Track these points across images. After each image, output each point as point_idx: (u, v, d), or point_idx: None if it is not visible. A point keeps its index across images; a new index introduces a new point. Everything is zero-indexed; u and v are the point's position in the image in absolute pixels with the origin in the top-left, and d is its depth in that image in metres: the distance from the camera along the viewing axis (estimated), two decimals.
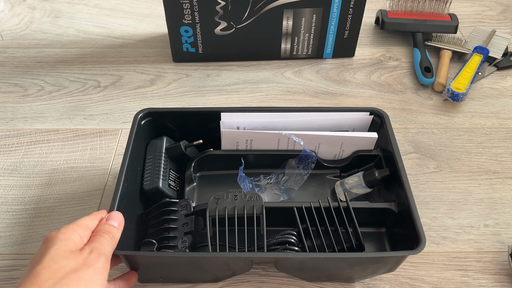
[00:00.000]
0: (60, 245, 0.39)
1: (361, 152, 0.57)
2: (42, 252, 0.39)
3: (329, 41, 0.78)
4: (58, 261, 0.38)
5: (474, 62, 0.76)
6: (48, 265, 0.37)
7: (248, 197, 0.48)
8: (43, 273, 0.36)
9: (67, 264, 0.38)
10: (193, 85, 0.76)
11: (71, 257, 0.38)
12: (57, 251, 0.38)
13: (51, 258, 0.38)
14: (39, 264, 0.37)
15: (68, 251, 0.39)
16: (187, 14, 0.72)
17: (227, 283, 0.51)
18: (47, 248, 0.39)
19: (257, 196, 0.48)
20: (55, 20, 0.90)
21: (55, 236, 0.40)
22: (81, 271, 0.37)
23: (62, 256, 0.38)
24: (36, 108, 0.72)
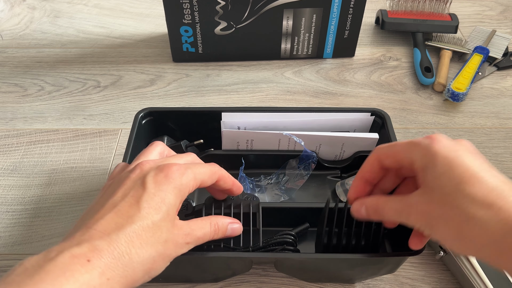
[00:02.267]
0: (173, 206, 0.36)
1: (362, 153, 0.57)
2: (160, 201, 0.35)
3: (329, 41, 0.78)
4: (163, 231, 0.35)
5: (474, 62, 0.76)
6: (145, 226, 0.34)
7: (245, 197, 0.47)
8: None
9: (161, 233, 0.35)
10: (193, 85, 0.76)
11: (172, 229, 0.36)
12: (167, 216, 0.36)
13: (162, 221, 0.35)
14: (152, 222, 0.34)
15: (174, 218, 0.36)
16: (187, 14, 0.72)
17: (227, 283, 0.51)
18: (164, 199, 0.36)
19: (254, 196, 0.47)
20: (55, 20, 0.90)
21: (174, 184, 0.37)
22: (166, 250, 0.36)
23: (167, 226, 0.36)
24: (36, 108, 0.71)
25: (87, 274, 0.30)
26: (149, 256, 0.34)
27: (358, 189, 0.42)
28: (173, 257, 0.37)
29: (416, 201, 0.36)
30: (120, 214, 0.34)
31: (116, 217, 0.34)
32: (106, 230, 0.33)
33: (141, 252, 0.33)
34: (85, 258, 0.31)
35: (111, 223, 0.34)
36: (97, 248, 0.32)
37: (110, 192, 0.37)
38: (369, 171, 0.41)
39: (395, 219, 0.38)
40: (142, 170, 0.38)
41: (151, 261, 0.34)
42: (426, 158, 0.35)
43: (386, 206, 0.38)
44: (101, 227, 0.33)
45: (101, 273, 0.31)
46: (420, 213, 0.35)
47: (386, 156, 0.39)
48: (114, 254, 0.32)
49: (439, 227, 0.34)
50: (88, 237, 0.33)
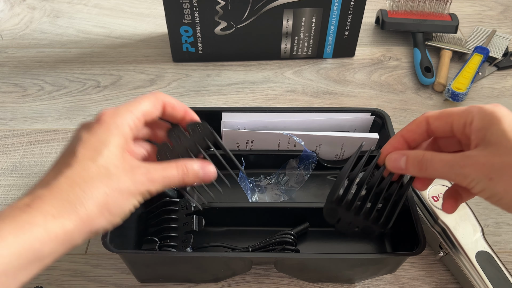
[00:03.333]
0: (114, 143, 0.35)
1: (362, 153, 0.57)
2: (97, 143, 0.35)
3: (329, 41, 0.78)
4: (109, 167, 0.34)
5: (474, 62, 0.76)
6: (98, 165, 0.34)
7: (190, 130, 0.41)
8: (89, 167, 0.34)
9: (115, 174, 0.34)
10: (193, 85, 0.76)
11: (122, 165, 0.35)
12: (110, 153, 0.35)
13: (105, 159, 0.34)
14: (92, 162, 0.34)
15: (121, 156, 0.35)
16: (187, 14, 0.72)
17: (227, 283, 0.51)
18: (101, 140, 0.35)
19: (199, 124, 0.42)
20: (54, 20, 0.90)
21: (108, 124, 0.36)
22: (118, 192, 0.34)
23: (113, 162, 0.35)
24: (36, 108, 0.71)
25: (26, 214, 0.31)
26: (98, 191, 0.33)
27: (394, 145, 0.41)
28: (138, 193, 0.35)
29: (477, 153, 0.35)
30: (57, 165, 0.34)
31: (55, 169, 0.34)
32: (45, 180, 0.33)
33: (86, 188, 0.33)
34: (24, 205, 0.31)
35: (50, 174, 0.34)
36: (38, 196, 0.32)
37: None
38: (413, 130, 0.40)
39: (442, 171, 0.36)
40: (78, 127, 0.37)
41: (103, 196, 0.33)
42: (490, 118, 0.35)
43: (436, 158, 0.37)
44: (40, 181, 0.34)
45: (42, 212, 0.31)
46: (480, 164, 0.34)
47: (436, 117, 0.38)
48: (55, 195, 0.32)
49: (503, 178, 0.34)
50: (29, 192, 0.33)
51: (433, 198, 0.53)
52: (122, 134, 0.36)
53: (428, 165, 0.37)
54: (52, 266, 0.52)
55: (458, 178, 0.36)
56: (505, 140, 0.34)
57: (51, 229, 0.31)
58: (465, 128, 0.37)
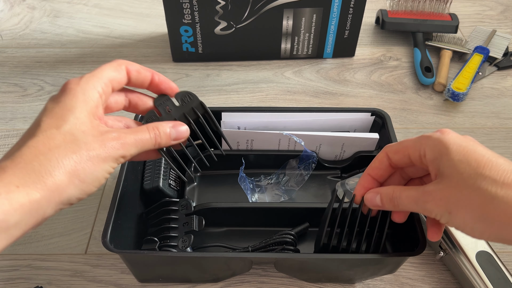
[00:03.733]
0: (80, 109, 0.34)
1: (362, 153, 0.57)
2: (62, 110, 0.34)
3: (329, 41, 0.78)
4: (76, 133, 0.33)
5: (474, 62, 0.76)
6: (64, 132, 0.33)
7: (180, 100, 0.41)
8: (56, 136, 0.33)
9: (84, 139, 0.33)
10: (193, 85, 0.76)
11: (90, 131, 0.34)
12: (77, 120, 0.34)
13: (71, 125, 0.33)
14: (57, 129, 0.33)
15: (89, 121, 0.34)
16: (187, 14, 0.72)
17: (227, 283, 0.51)
18: (66, 107, 0.34)
19: (188, 94, 0.41)
20: (54, 20, 0.90)
21: (74, 90, 0.35)
22: (91, 156, 0.33)
23: (80, 128, 0.34)
24: (36, 108, 0.71)
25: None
26: (65, 158, 0.32)
27: (365, 186, 0.43)
28: (109, 159, 0.34)
29: (434, 188, 0.36)
30: (22, 138, 0.34)
31: (20, 142, 0.33)
32: (9, 153, 0.33)
33: (52, 156, 0.32)
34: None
35: (14, 148, 0.33)
36: (0, 168, 0.31)
37: None
38: (377, 167, 0.42)
39: (410, 207, 0.38)
40: (49, 98, 0.37)
41: (71, 163, 0.32)
42: (439, 148, 0.36)
43: (403, 194, 0.38)
44: (5, 156, 0.33)
45: (5, 183, 0.30)
46: (438, 199, 0.35)
47: (395, 152, 0.40)
48: (18, 166, 0.31)
49: (459, 211, 0.34)
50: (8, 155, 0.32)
51: None
52: (90, 99, 0.35)
53: (398, 201, 0.39)
54: (52, 266, 0.52)
55: (425, 212, 0.37)
56: (455, 173, 0.35)
57: (15, 199, 0.30)
58: (421, 160, 0.38)
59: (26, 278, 0.51)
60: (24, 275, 0.52)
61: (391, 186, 0.41)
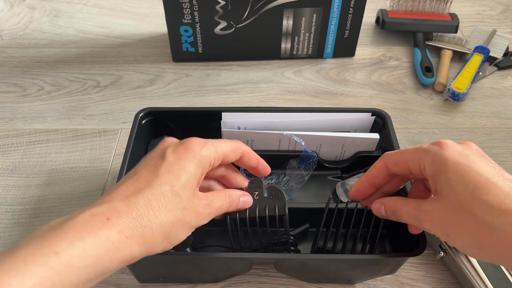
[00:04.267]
0: (193, 174, 0.37)
1: (363, 153, 0.57)
2: (179, 168, 0.37)
3: (329, 41, 0.78)
4: (182, 196, 0.36)
5: (474, 62, 0.76)
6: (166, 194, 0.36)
7: (269, 193, 0.45)
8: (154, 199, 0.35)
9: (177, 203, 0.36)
10: (193, 85, 0.76)
11: (191, 197, 0.37)
12: (187, 184, 0.37)
13: (181, 187, 0.36)
14: (171, 187, 0.36)
15: (194, 188, 0.37)
16: (187, 14, 0.72)
17: (227, 283, 0.51)
18: (183, 167, 0.37)
19: (280, 192, 0.45)
20: (54, 20, 0.90)
21: (195, 153, 0.38)
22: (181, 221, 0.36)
23: (187, 193, 0.36)
24: (36, 108, 0.71)
25: (107, 230, 0.32)
26: (167, 220, 0.35)
27: (361, 190, 0.43)
28: (194, 226, 0.38)
29: (430, 208, 0.36)
30: (139, 180, 0.36)
31: (136, 182, 0.36)
32: (126, 194, 0.35)
33: (159, 215, 0.35)
34: (104, 217, 0.33)
35: (131, 188, 0.35)
36: (116, 209, 0.33)
37: (135, 166, 0.39)
38: (375, 176, 0.42)
39: (410, 222, 0.39)
40: (164, 144, 0.40)
41: (170, 226, 0.35)
42: (437, 165, 0.35)
43: (402, 210, 0.39)
44: (121, 191, 0.35)
45: (120, 231, 0.33)
46: (435, 220, 0.35)
47: (394, 163, 0.40)
48: (132, 214, 0.34)
49: (457, 235, 0.34)
50: (108, 199, 0.34)
51: None
52: (202, 166, 0.38)
53: (398, 215, 0.39)
54: None
55: (424, 229, 0.38)
56: (452, 194, 0.34)
57: (123, 251, 0.33)
58: (422, 173, 0.38)
59: None
60: None
61: (393, 198, 0.41)
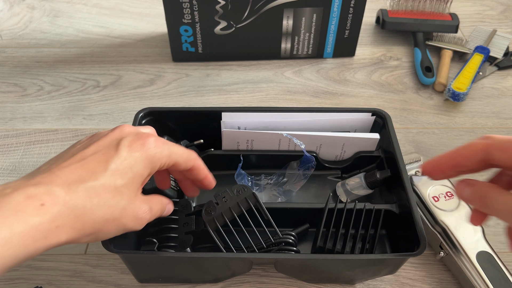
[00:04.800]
0: (140, 175, 0.36)
1: (363, 153, 0.57)
2: (128, 165, 0.35)
3: (329, 41, 0.78)
4: (124, 194, 0.35)
5: (475, 62, 0.76)
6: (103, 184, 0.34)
7: (235, 191, 0.47)
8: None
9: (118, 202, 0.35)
10: (192, 85, 0.76)
11: (133, 199, 0.36)
12: (131, 183, 0.35)
13: (125, 186, 0.35)
14: (114, 183, 0.34)
15: (138, 190, 0.37)
16: (187, 14, 0.72)
17: (227, 283, 0.51)
18: (132, 164, 0.36)
19: (243, 187, 0.47)
20: (54, 19, 0.89)
21: (149, 152, 0.37)
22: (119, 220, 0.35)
23: (129, 193, 0.35)
24: (35, 108, 0.71)
25: (38, 217, 0.30)
26: (102, 216, 0.34)
27: (440, 167, 0.36)
28: (128, 230, 0.37)
29: None
30: (86, 167, 0.34)
31: (81, 169, 0.34)
32: (68, 179, 0.33)
33: (95, 210, 0.33)
34: (39, 201, 0.31)
35: (75, 174, 0.33)
36: (53, 194, 0.32)
37: (84, 144, 0.37)
38: (466, 156, 0.34)
39: (503, 216, 0.32)
40: (121, 132, 0.38)
41: (102, 222, 0.34)
42: None
43: (499, 198, 0.32)
44: (63, 175, 0.33)
45: (51, 219, 0.31)
46: None
47: (501, 149, 0.32)
48: (69, 204, 0.32)
49: None
50: (48, 181, 0.32)
51: (434, 198, 0.53)
52: (151, 168, 0.37)
53: (489, 204, 0.32)
54: (51, 266, 0.52)
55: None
56: None
57: (50, 241, 0.31)
58: None
59: (26, 278, 0.51)
60: (24, 275, 0.51)
61: (487, 183, 0.34)
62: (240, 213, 0.47)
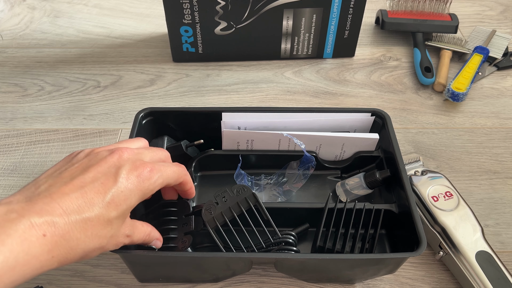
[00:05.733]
0: (132, 205, 0.37)
1: (362, 153, 0.57)
2: (123, 195, 0.36)
3: (329, 41, 0.78)
4: (114, 226, 0.36)
5: (474, 62, 0.76)
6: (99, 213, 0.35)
7: (235, 191, 0.47)
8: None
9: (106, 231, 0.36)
10: (193, 85, 0.76)
11: (120, 229, 0.37)
12: (123, 215, 0.37)
13: (117, 218, 0.36)
14: (107, 214, 0.35)
15: (126, 218, 0.38)
16: (187, 14, 0.72)
17: (227, 283, 0.51)
18: (127, 195, 0.37)
19: (243, 187, 0.48)
20: (54, 20, 0.90)
21: (143, 186, 0.38)
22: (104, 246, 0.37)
23: (119, 224, 0.37)
24: (36, 108, 0.71)
25: (39, 248, 0.32)
26: (93, 247, 0.35)
27: None
28: (106, 251, 0.38)
29: None
30: (85, 197, 0.35)
31: (81, 199, 0.35)
32: (68, 209, 0.34)
33: (88, 241, 0.35)
34: (42, 232, 0.32)
35: (74, 203, 0.34)
36: (54, 225, 0.33)
37: (83, 165, 0.38)
38: None
39: None
40: (120, 158, 0.38)
41: (91, 251, 0.36)
42: None
43: None
44: (64, 203, 0.34)
45: (50, 250, 0.32)
46: None
47: None
48: (66, 236, 0.33)
49: None
50: (50, 209, 0.33)
51: (433, 198, 0.53)
52: (143, 197, 0.39)
53: None
54: None
55: None
56: None
57: (44, 268, 0.33)
58: None
59: None
60: None
61: None
62: (240, 212, 0.47)
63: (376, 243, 0.48)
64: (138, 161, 0.39)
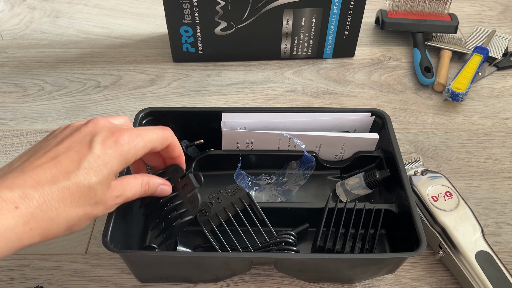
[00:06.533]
0: (113, 172, 0.36)
1: (362, 153, 0.57)
2: (102, 162, 0.35)
3: (329, 41, 0.78)
4: (98, 192, 0.35)
5: (474, 62, 0.76)
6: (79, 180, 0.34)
7: (229, 192, 0.47)
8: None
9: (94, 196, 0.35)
10: (193, 85, 0.76)
11: (105, 193, 0.36)
12: (104, 179, 0.35)
13: (98, 181, 0.35)
14: (88, 180, 0.34)
15: (110, 182, 0.36)
16: (187, 14, 0.72)
17: (227, 283, 0.51)
18: (106, 161, 0.35)
19: (237, 187, 0.47)
20: (55, 20, 0.90)
21: (122, 149, 0.37)
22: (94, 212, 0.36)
23: (102, 188, 0.35)
24: (36, 108, 0.71)
25: (13, 220, 0.31)
26: (76, 215, 0.34)
27: None
28: (98, 216, 0.37)
29: None
30: (58, 166, 0.34)
31: (54, 169, 0.34)
32: (41, 180, 0.33)
33: (69, 210, 0.34)
34: (13, 204, 0.31)
35: (48, 174, 0.33)
36: (27, 196, 0.32)
37: (57, 138, 0.37)
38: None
39: None
40: (95, 126, 0.37)
41: (76, 219, 0.35)
42: None
43: None
44: (36, 175, 0.33)
45: (26, 222, 0.31)
46: None
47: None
48: (43, 206, 0.32)
49: None
50: (21, 182, 0.32)
51: (433, 198, 0.53)
52: (125, 163, 0.37)
53: None
54: (52, 266, 0.52)
55: None
56: None
57: (23, 242, 0.32)
58: None
59: (27, 277, 0.51)
60: (24, 275, 0.52)
61: None
62: (234, 213, 0.47)
63: (376, 243, 0.48)
64: (115, 127, 0.38)
